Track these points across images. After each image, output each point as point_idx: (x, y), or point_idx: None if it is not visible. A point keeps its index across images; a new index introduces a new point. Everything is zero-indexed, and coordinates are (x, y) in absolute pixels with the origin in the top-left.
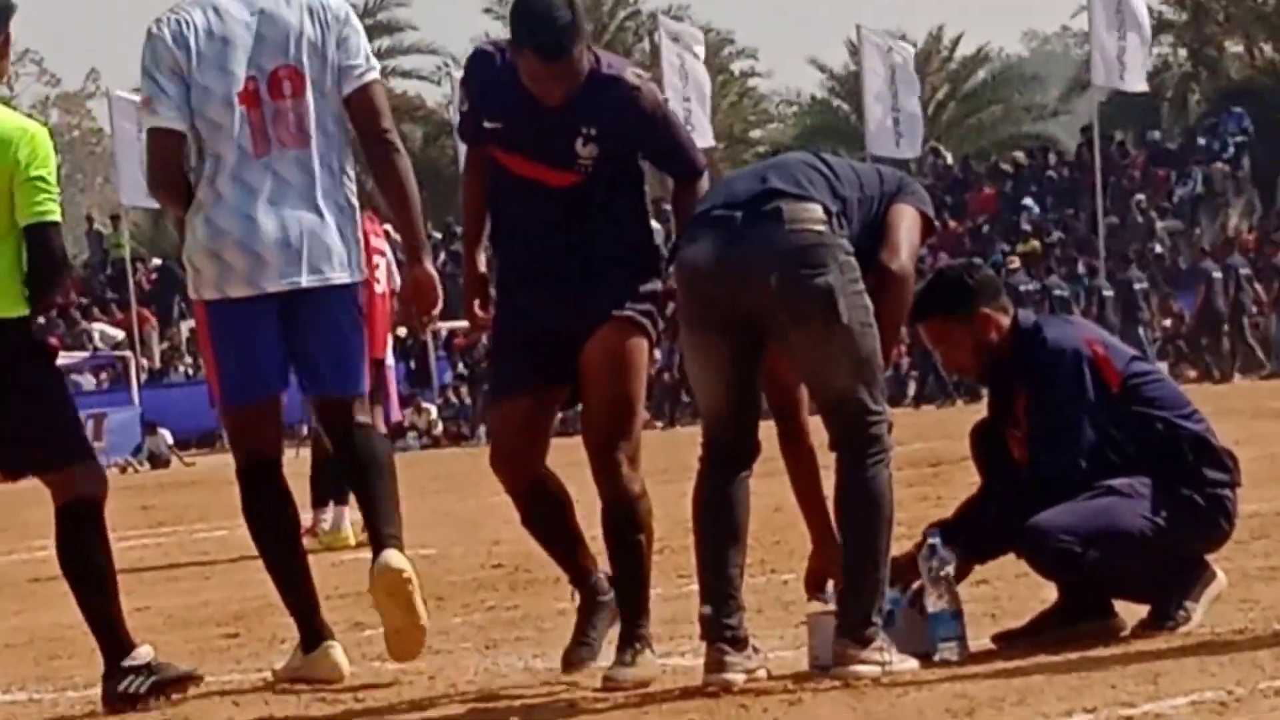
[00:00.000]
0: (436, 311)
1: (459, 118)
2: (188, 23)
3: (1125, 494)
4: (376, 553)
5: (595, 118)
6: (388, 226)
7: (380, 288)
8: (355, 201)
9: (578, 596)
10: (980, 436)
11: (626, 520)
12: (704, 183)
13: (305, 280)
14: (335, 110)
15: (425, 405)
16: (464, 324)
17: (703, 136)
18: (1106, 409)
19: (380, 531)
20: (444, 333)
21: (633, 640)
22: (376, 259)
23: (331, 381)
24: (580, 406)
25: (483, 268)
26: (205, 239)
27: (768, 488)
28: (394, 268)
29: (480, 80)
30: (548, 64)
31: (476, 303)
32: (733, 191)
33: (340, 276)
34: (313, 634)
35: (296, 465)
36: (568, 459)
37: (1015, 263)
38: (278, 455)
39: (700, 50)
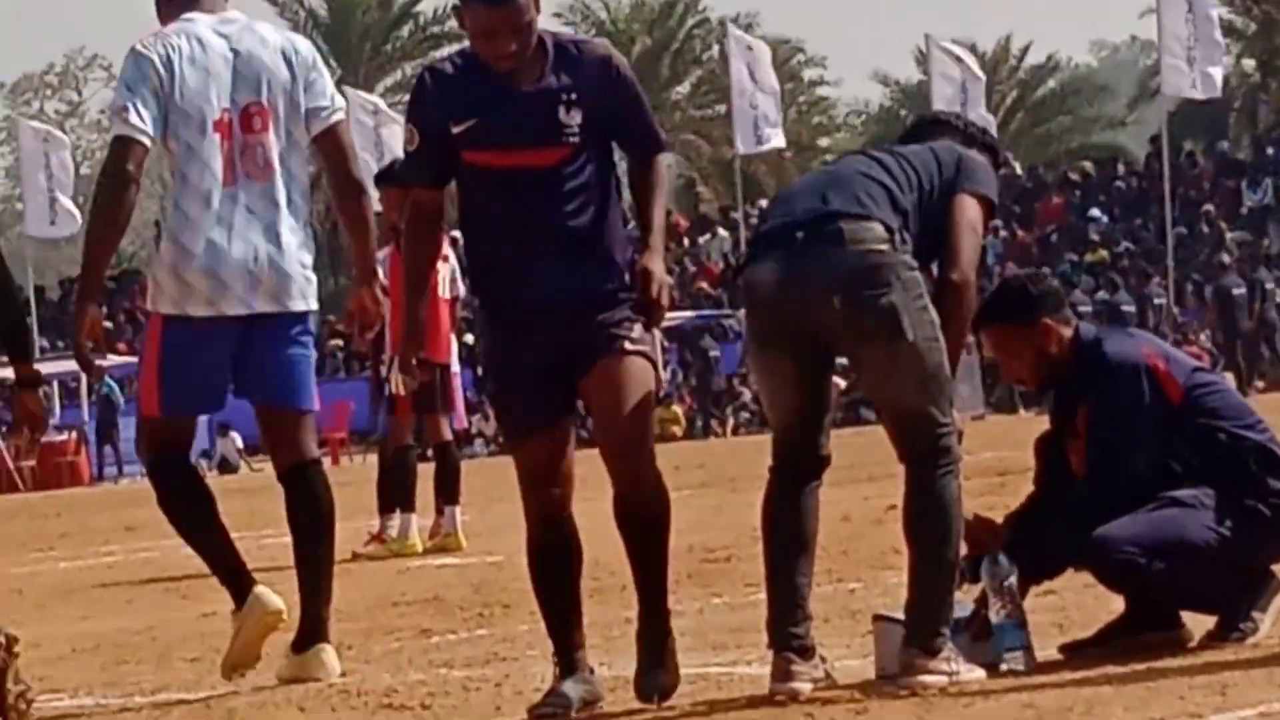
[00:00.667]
0: (372, 332)
1: (405, 160)
2: (175, 48)
3: (1189, 505)
4: (303, 631)
5: (572, 82)
6: (455, 234)
7: (444, 293)
8: (311, 234)
9: (555, 670)
10: (1045, 446)
11: (646, 515)
12: (664, 160)
13: (264, 307)
14: (300, 149)
15: (492, 412)
16: None
17: (774, 138)
18: (1168, 421)
19: (310, 616)
20: None
21: (660, 642)
22: (440, 266)
23: (281, 393)
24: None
25: (422, 318)
26: (171, 258)
27: (836, 496)
28: (458, 275)
29: (439, 92)
30: (494, 10)
31: (416, 358)
32: (792, 210)
33: (297, 304)
34: (248, 587)
35: (365, 471)
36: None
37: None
38: (188, 448)
39: (766, 61)
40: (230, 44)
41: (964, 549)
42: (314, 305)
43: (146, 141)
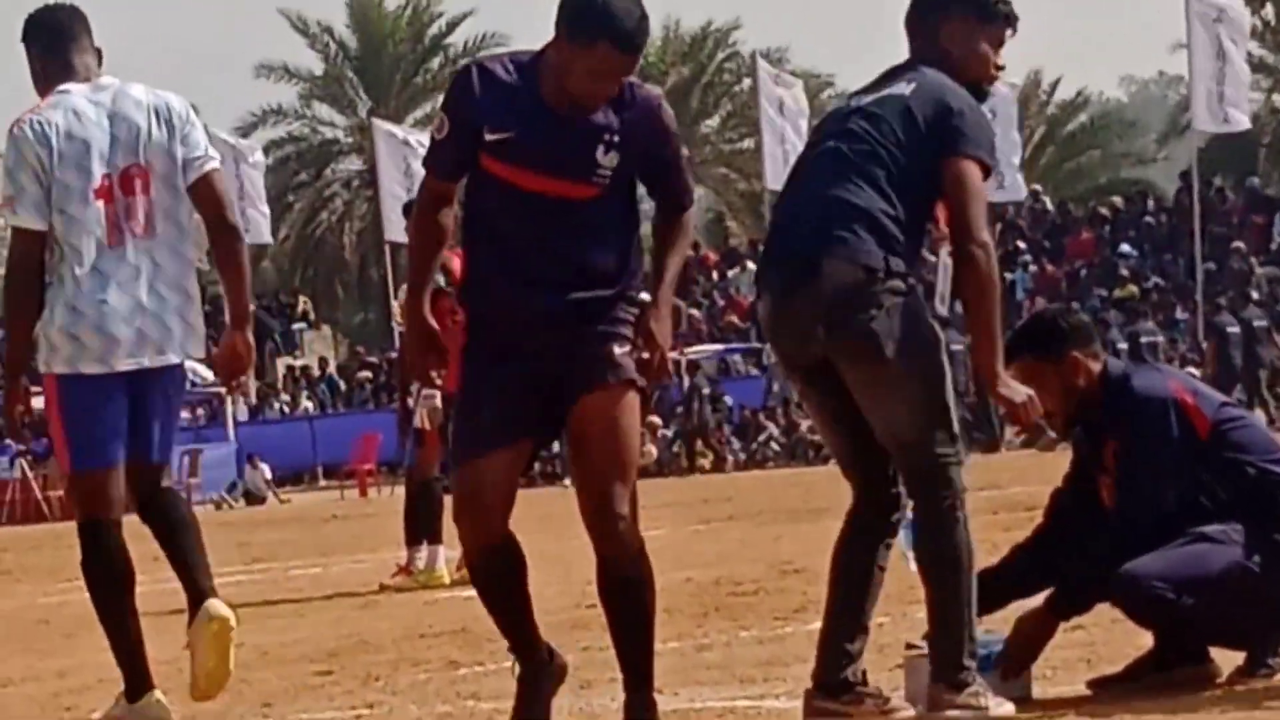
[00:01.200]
0: (244, 377)
1: (430, 147)
2: (49, 123)
3: (1218, 540)
4: (198, 602)
5: (618, 124)
6: None
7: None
8: (197, 289)
9: (518, 668)
10: (1059, 494)
11: (628, 579)
12: (689, 216)
13: (150, 361)
14: (185, 203)
15: None
16: None
17: None
18: (1196, 455)
19: (199, 584)
20: None
21: (643, 715)
22: None
23: (158, 452)
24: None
25: (430, 317)
26: (63, 321)
27: None
28: None
29: (483, 94)
30: (625, 56)
31: (432, 359)
32: (786, 241)
33: (175, 357)
34: (139, 682)
35: (392, 504)
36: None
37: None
38: (118, 515)
39: (799, 94)
40: (105, 110)
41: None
42: (195, 354)
43: (39, 227)
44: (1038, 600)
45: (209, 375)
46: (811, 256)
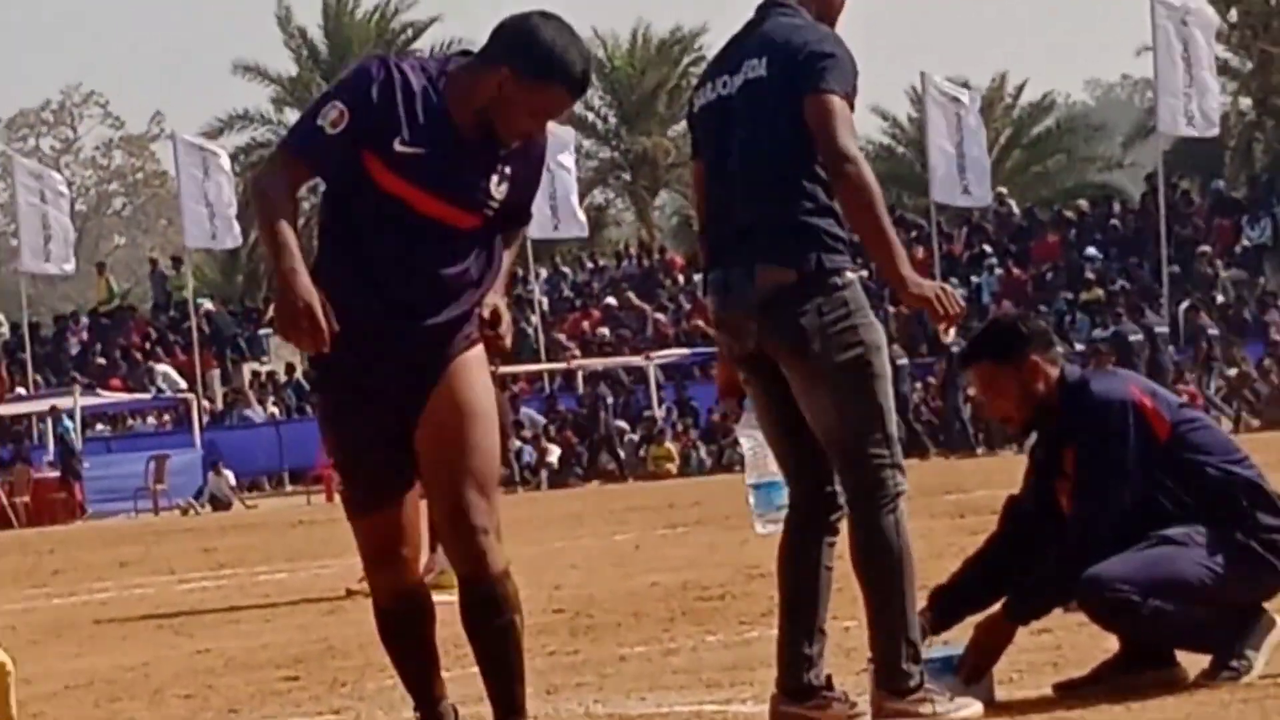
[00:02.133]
0: None
1: (317, 133)
2: None
3: (1181, 543)
4: None
5: (513, 157)
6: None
7: None
8: None
9: None
10: (1012, 504)
11: (491, 602)
12: (524, 229)
13: None
14: None
15: None
16: (526, 368)
17: None
18: (1156, 459)
19: None
20: (506, 377)
21: None
22: None
23: None
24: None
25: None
26: None
27: None
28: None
29: (403, 102)
30: (571, 99)
31: (322, 316)
32: (720, 238)
33: None
34: None
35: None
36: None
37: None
38: None
39: None
40: None
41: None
42: None
43: None
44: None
45: (179, 380)
46: (744, 265)
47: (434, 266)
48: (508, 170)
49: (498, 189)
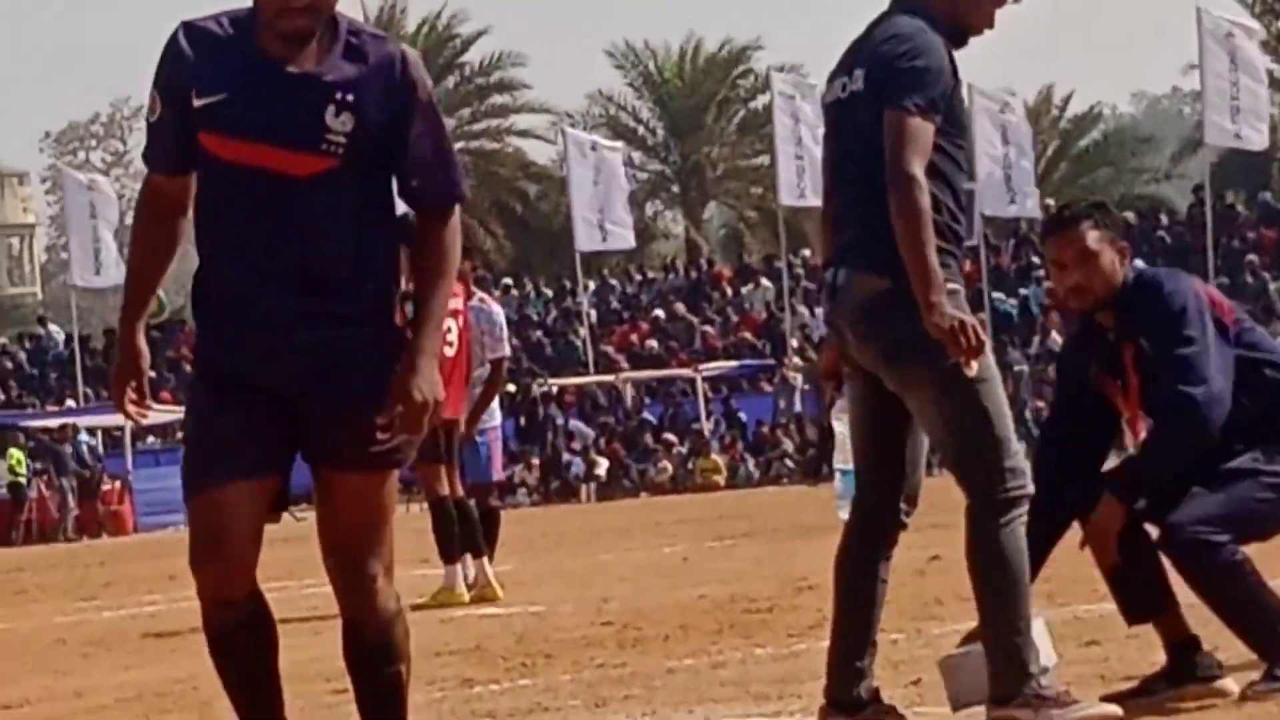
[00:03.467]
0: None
1: (148, 134)
2: None
3: (1246, 472)
4: None
5: (352, 80)
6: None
7: (450, 351)
8: None
9: None
10: (1050, 426)
11: (379, 646)
12: (456, 220)
13: None
14: None
15: (535, 462)
16: (575, 380)
17: (814, 194)
18: (1227, 344)
19: None
20: (554, 389)
21: None
22: (449, 323)
23: None
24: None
25: (142, 343)
26: None
27: None
28: (485, 331)
29: (194, 54)
30: None
31: (132, 387)
32: (834, 239)
33: None
34: None
35: (408, 521)
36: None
37: None
38: None
39: (812, 110)
40: None
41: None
42: None
43: None
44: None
45: None
46: (847, 271)
47: (281, 230)
48: (349, 98)
49: (336, 120)
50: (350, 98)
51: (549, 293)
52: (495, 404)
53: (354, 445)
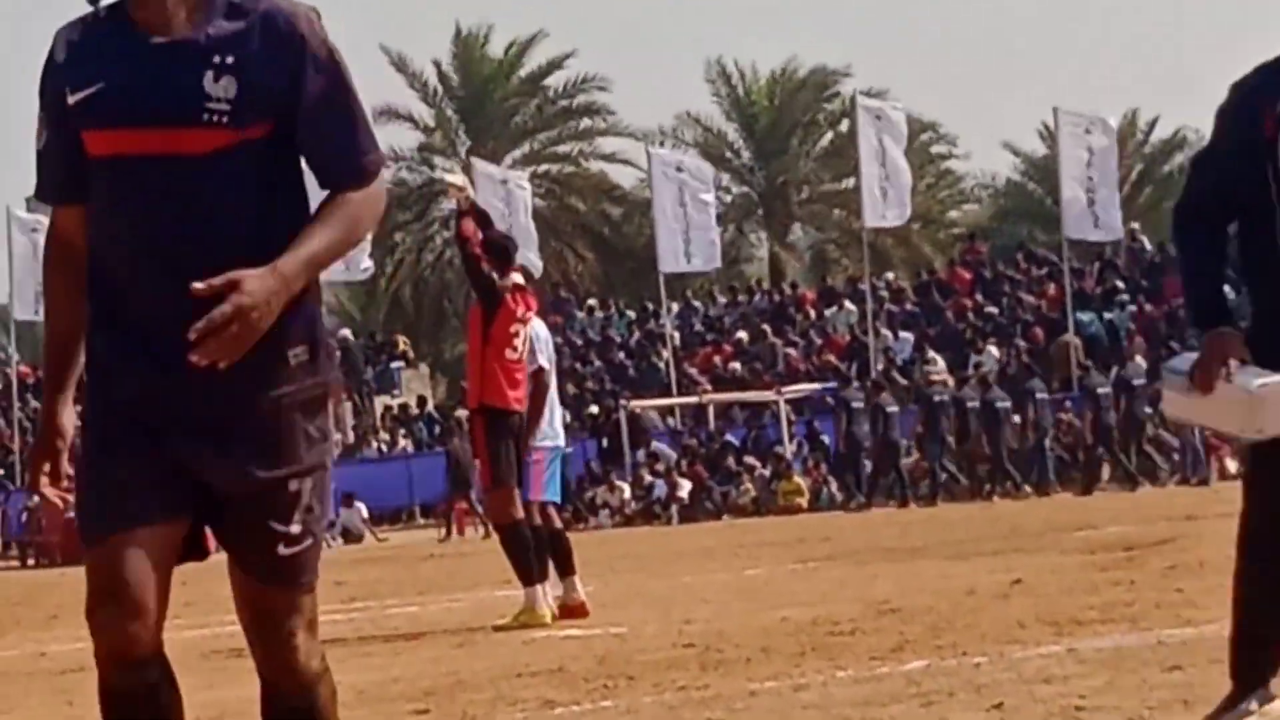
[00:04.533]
0: None
1: (36, 166)
2: None
3: None
4: None
5: (231, 40)
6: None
7: (533, 367)
8: None
9: None
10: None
11: (300, 711)
12: (370, 196)
13: None
14: None
15: (618, 483)
16: (658, 402)
17: (900, 215)
18: None
19: None
20: (638, 411)
21: None
22: (516, 326)
23: None
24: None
25: (66, 417)
26: None
27: (960, 570)
28: (542, 349)
29: (65, 54)
30: None
31: (47, 468)
32: None
33: None
34: None
35: (489, 543)
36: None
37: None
38: None
39: (902, 129)
40: None
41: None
42: None
43: None
44: None
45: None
46: None
47: (175, 229)
48: (228, 60)
49: (217, 85)
50: (230, 60)
51: (632, 314)
52: (558, 426)
53: (260, 556)
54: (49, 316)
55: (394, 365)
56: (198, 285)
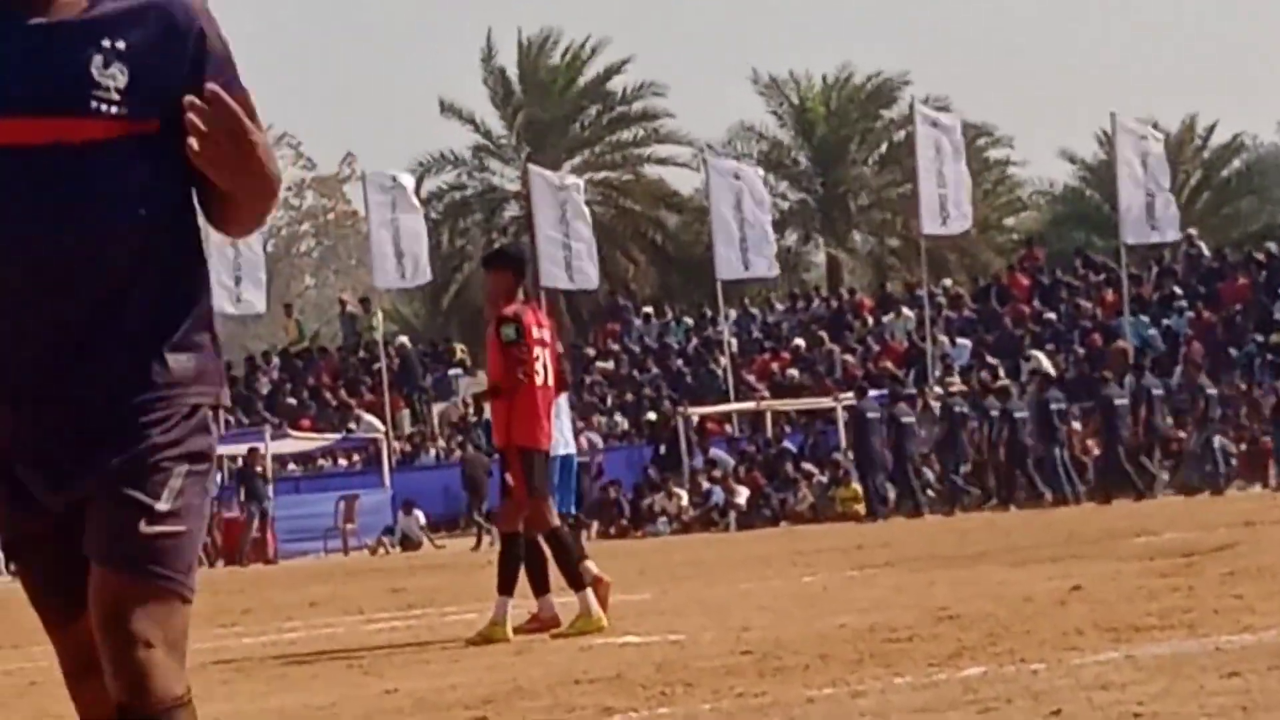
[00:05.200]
0: None
1: None
2: None
3: None
4: None
5: (122, 23)
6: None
7: (540, 380)
8: None
9: None
10: None
11: None
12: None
13: None
14: None
15: (676, 490)
16: (715, 409)
17: (958, 223)
18: None
19: None
20: (695, 418)
21: None
22: (537, 350)
23: None
24: None
25: None
26: None
27: (1018, 577)
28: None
29: None
30: None
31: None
32: None
33: None
34: None
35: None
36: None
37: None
38: None
39: (960, 137)
40: None
41: None
42: None
43: None
44: None
45: (378, 425)
46: None
47: (54, 216)
48: (119, 45)
49: (106, 73)
50: (121, 45)
51: (690, 321)
52: (568, 434)
53: (123, 546)
54: None
55: (451, 372)
56: (192, 101)
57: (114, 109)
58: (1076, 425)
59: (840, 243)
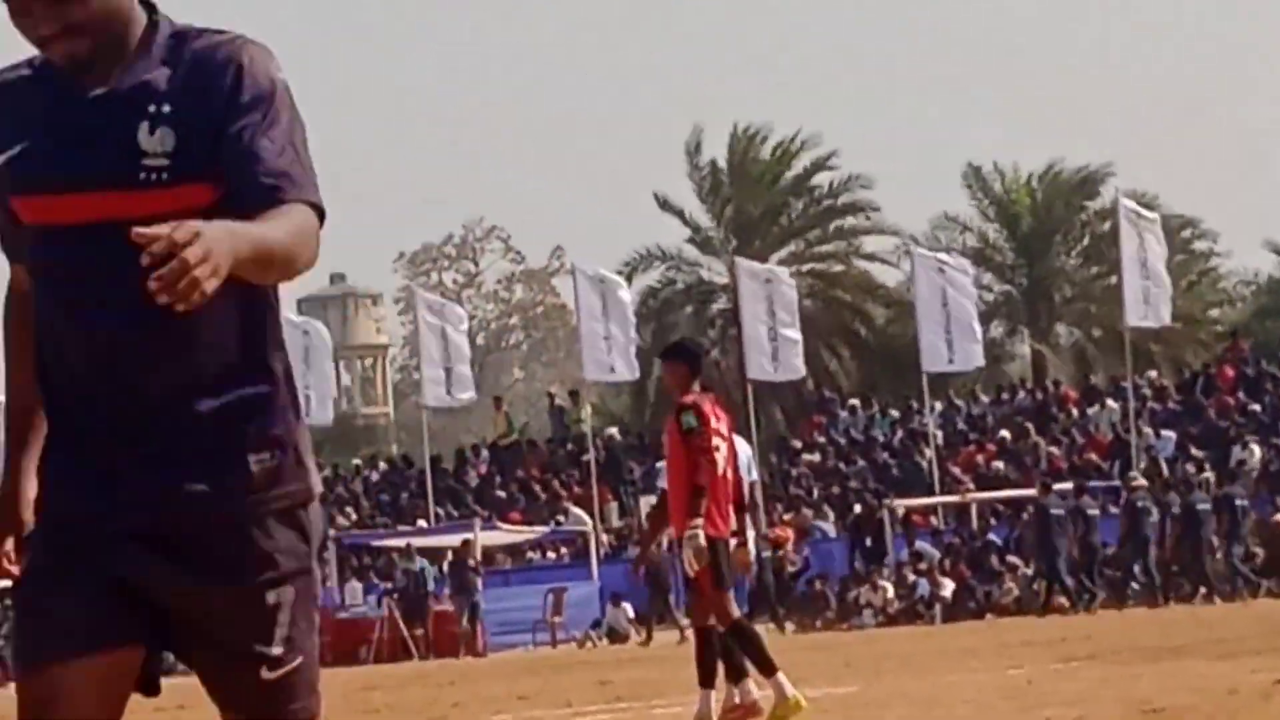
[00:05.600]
0: None
1: None
2: None
3: None
4: None
5: (167, 88)
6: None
7: (720, 469)
8: None
9: None
10: None
11: None
12: (304, 221)
13: None
14: None
15: (881, 583)
16: (920, 501)
17: (1160, 316)
18: None
19: None
20: (901, 510)
21: None
22: (716, 440)
23: None
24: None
25: (30, 482)
26: None
27: (1222, 670)
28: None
29: None
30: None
31: (9, 545)
32: None
33: None
34: None
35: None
36: None
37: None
38: None
39: (1157, 235)
40: None
41: None
42: None
43: None
44: None
45: (586, 519)
46: None
47: (127, 295)
48: (165, 109)
49: (152, 138)
50: (167, 108)
51: (895, 413)
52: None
53: (229, 677)
54: (9, 368)
55: (659, 465)
56: (139, 230)
57: (161, 174)
58: None
59: (1044, 335)
